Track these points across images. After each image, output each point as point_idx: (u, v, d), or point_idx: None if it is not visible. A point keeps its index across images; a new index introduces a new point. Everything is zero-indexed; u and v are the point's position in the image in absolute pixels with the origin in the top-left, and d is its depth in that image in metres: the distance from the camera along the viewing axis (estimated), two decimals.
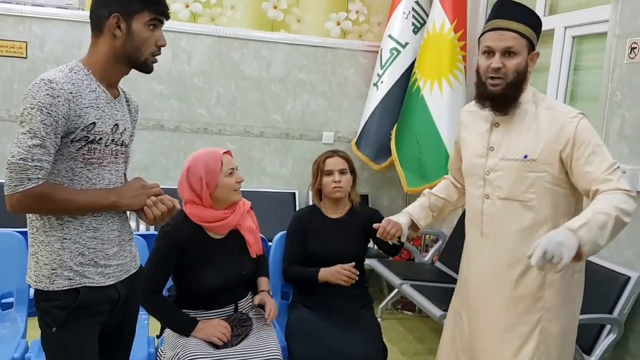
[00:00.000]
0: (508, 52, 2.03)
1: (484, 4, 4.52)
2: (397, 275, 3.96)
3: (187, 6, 4.63)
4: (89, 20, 1.87)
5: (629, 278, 2.85)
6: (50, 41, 4.39)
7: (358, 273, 2.74)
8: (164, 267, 2.45)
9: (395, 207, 4.95)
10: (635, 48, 2.91)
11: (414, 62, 4.52)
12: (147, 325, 2.91)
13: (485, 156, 2.16)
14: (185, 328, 2.43)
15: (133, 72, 1.93)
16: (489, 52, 2.06)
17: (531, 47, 2.06)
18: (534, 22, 2.07)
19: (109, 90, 1.89)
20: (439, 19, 4.30)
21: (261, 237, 3.48)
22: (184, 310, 2.49)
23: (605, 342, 2.82)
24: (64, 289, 1.82)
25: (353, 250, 2.85)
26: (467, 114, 2.31)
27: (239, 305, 2.57)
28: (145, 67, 1.89)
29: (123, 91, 2.01)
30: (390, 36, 4.59)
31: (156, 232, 3.37)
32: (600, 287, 2.87)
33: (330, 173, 2.83)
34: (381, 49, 4.65)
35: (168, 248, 2.43)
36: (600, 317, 2.82)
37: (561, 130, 2.01)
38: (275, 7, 4.78)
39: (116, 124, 1.88)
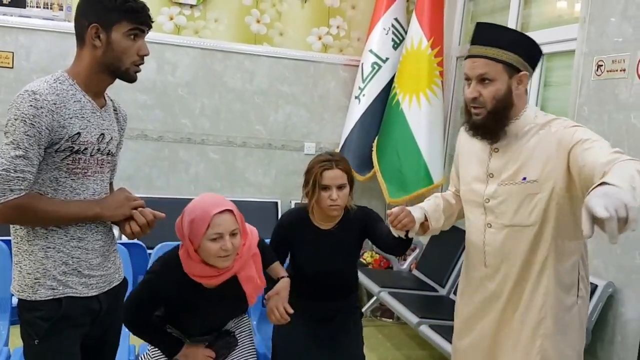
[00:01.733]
0: (483, 79, 1.94)
1: (459, 23, 4.70)
2: (376, 282, 4.06)
3: (172, 18, 4.72)
4: (74, 31, 1.87)
5: (596, 286, 2.96)
6: (36, 51, 4.45)
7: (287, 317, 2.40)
8: (145, 309, 2.29)
9: None
10: (602, 65, 3.05)
11: (394, 77, 4.65)
12: (128, 333, 2.94)
13: (485, 182, 2.07)
14: (170, 349, 2.34)
15: (117, 82, 1.92)
16: (468, 80, 2.00)
17: (514, 70, 1.93)
18: (512, 43, 1.94)
19: (95, 99, 1.87)
20: (417, 36, 4.44)
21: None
22: (169, 328, 2.40)
23: None
24: (46, 298, 1.80)
25: (343, 264, 2.67)
26: (465, 138, 2.18)
27: (223, 329, 2.49)
28: (128, 77, 1.87)
29: (111, 100, 2.00)
30: (371, 51, 4.73)
31: (140, 243, 3.42)
32: None
33: (327, 188, 2.50)
34: (362, 63, 4.78)
35: (149, 296, 2.27)
36: None
37: (561, 139, 1.89)
38: (258, 21, 4.89)
39: (102, 134, 1.87)
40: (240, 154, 4.96)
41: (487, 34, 1.97)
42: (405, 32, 4.67)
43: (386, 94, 4.66)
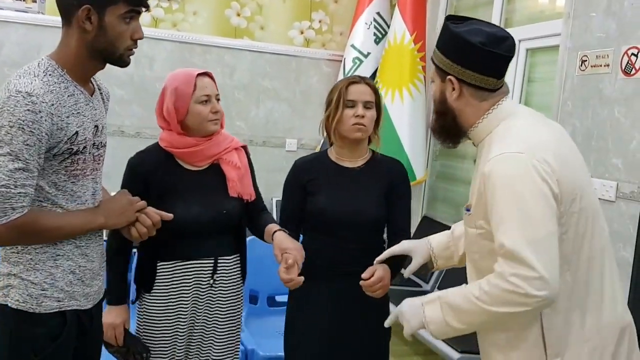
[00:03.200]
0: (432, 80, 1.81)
1: (442, 18, 4.65)
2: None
3: (149, 11, 4.62)
4: (58, 9, 1.65)
5: None
6: (8, 44, 4.33)
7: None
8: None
9: None
10: (586, 61, 3.04)
11: (376, 71, 4.61)
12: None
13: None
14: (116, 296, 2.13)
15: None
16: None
17: (442, 72, 1.73)
18: (447, 47, 1.72)
19: (85, 88, 1.70)
20: (400, 30, 4.41)
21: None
22: (159, 264, 2.14)
23: None
24: (51, 311, 1.66)
25: (376, 211, 2.20)
26: None
27: (220, 262, 2.19)
28: (121, 62, 1.70)
29: (94, 79, 1.79)
30: (353, 46, 4.69)
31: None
32: None
33: (352, 104, 2.16)
34: (344, 58, 4.74)
35: (130, 178, 2.11)
36: None
37: (481, 175, 1.62)
38: (238, 15, 4.82)
39: (96, 126, 1.72)
40: None
41: (440, 35, 1.79)
42: (388, 27, 4.64)
43: None
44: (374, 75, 4.61)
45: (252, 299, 3.37)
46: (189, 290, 2.17)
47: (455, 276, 2.91)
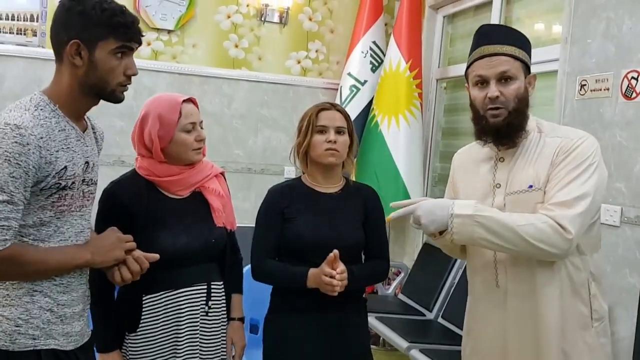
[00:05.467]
0: (504, 78, 1.85)
1: (438, 45, 4.73)
2: None
3: (149, 44, 4.66)
4: (52, 45, 1.65)
5: None
6: (9, 78, 4.34)
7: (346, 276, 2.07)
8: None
9: None
10: (585, 85, 3.07)
11: (372, 99, 4.64)
12: None
13: (492, 195, 1.95)
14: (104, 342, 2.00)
15: (92, 109, 1.74)
16: (482, 82, 1.88)
17: (527, 69, 1.91)
18: (523, 42, 1.92)
19: (77, 124, 1.68)
20: (395, 58, 4.46)
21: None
22: (145, 298, 2.02)
23: None
24: (25, 349, 1.58)
25: (354, 235, 2.19)
26: (461, 157, 2.15)
27: (213, 288, 2.12)
28: (114, 98, 1.68)
29: (88, 118, 1.79)
30: (349, 74, 4.72)
31: None
32: None
33: (323, 130, 2.17)
34: (341, 86, 4.77)
35: (110, 210, 1.97)
36: None
37: (561, 149, 1.86)
38: (236, 46, 4.85)
39: (87, 162, 1.68)
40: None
41: (500, 32, 1.92)
42: (384, 55, 4.69)
43: (365, 116, 4.65)
44: (370, 102, 4.64)
45: (252, 329, 3.31)
46: (182, 320, 2.06)
47: (460, 304, 2.89)
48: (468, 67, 1.97)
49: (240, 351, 2.22)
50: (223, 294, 2.17)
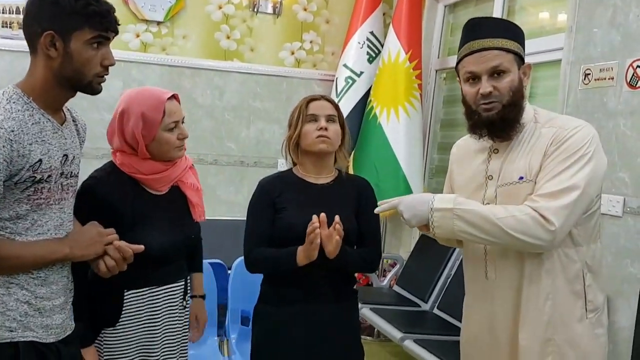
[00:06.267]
0: (496, 73, 1.80)
1: (438, 36, 4.66)
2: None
3: (138, 36, 4.56)
4: (24, 37, 1.59)
5: None
6: None
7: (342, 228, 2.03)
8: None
9: None
10: (589, 74, 3.02)
11: (369, 91, 4.57)
12: None
13: (485, 187, 1.92)
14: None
15: (82, 100, 1.69)
16: (474, 78, 1.84)
17: (520, 60, 1.85)
18: (514, 33, 1.86)
19: (55, 116, 1.62)
20: (394, 49, 4.38)
21: (219, 263, 3.32)
22: (127, 293, 1.99)
23: None
24: (3, 341, 1.55)
25: (346, 225, 2.10)
26: (459, 149, 2.11)
27: (187, 284, 2.17)
28: (91, 90, 1.62)
29: (68, 110, 1.75)
30: (345, 65, 4.64)
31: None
32: None
33: (314, 119, 2.16)
34: (336, 78, 4.69)
35: (91, 206, 1.88)
36: None
37: (555, 139, 1.81)
38: (228, 37, 4.76)
39: (65, 155, 1.64)
40: (212, 172, 4.79)
41: (489, 26, 1.86)
42: (382, 45, 4.61)
43: (361, 107, 4.57)
44: (367, 94, 4.57)
45: (243, 321, 3.25)
46: (159, 316, 2.05)
47: (456, 294, 2.87)
48: (458, 63, 1.92)
49: (203, 325, 2.30)
50: (188, 285, 2.20)
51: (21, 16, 4.22)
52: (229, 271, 3.25)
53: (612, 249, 2.88)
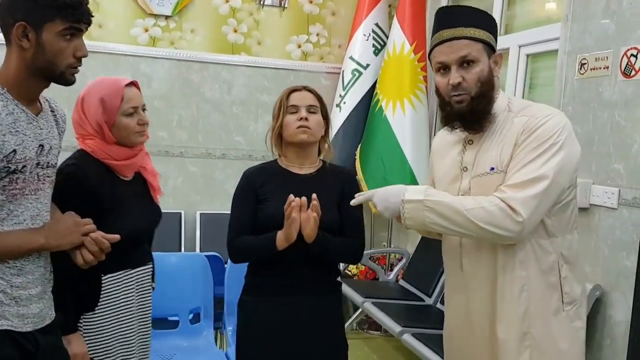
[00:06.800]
0: (465, 62, 1.78)
1: None
2: (360, 293, 3.95)
3: (147, 30, 4.61)
4: None
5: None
6: None
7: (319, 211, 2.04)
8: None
9: None
10: (585, 64, 2.96)
11: (375, 83, 4.55)
12: None
13: (460, 178, 1.92)
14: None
15: None
16: (444, 68, 1.82)
17: (490, 49, 1.82)
18: (485, 22, 1.84)
19: (30, 107, 1.63)
20: (399, 41, 4.35)
21: (216, 256, 3.37)
22: (104, 277, 2.02)
23: None
24: None
25: (328, 217, 2.11)
26: (438, 140, 2.10)
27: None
28: (64, 81, 1.64)
29: (46, 100, 1.75)
30: (351, 58, 4.63)
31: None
32: None
33: (295, 110, 2.18)
34: (342, 71, 4.68)
35: (75, 193, 1.91)
36: None
37: (525, 128, 1.78)
38: (235, 31, 4.79)
39: (41, 145, 1.64)
40: (220, 166, 4.83)
41: (458, 15, 1.85)
42: (387, 37, 4.58)
43: (368, 100, 4.55)
44: (373, 86, 4.55)
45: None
46: (132, 298, 2.11)
47: None
48: (430, 53, 1.90)
49: None
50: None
51: None
52: (226, 264, 3.28)
53: (608, 241, 2.83)
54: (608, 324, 2.84)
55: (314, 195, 2.04)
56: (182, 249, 4.53)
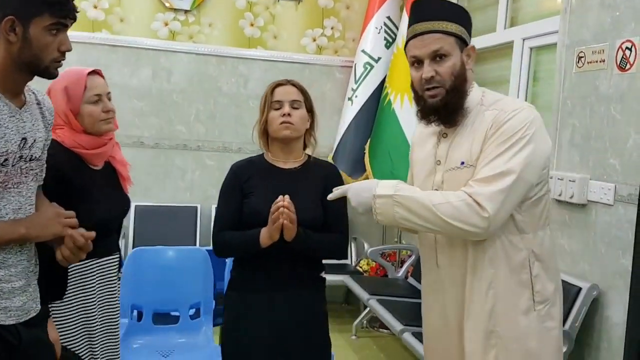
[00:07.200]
0: (438, 56, 1.77)
1: None
2: (367, 290, 3.93)
3: (166, 24, 4.71)
4: None
5: (580, 289, 2.79)
6: None
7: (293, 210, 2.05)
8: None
9: (371, 221, 4.93)
10: (582, 57, 2.88)
11: (386, 77, 4.53)
12: None
13: (434, 172, 1.91)
14: None
15: (113, 89, 1.82)
16: (417, 62, 1.81)
17: (463, 43, 1.81)
18: (458, 15, 1.82)
19: (13, 100, 1.63)
20: None
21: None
22: (71, 266, 1.99)
23: None
24: None
25: (311, 211, 2.15)
26: (417, 134, 2.08)
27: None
28: (48, 74, 1.66)
29: (33, 93, 1.74)
30: (363, 51, 4.63)
31: None
32: None
33: (278, 105, 2.20)
34: (355, 64, 4.69)
35: (56, 181, 1.92)
36: None
37: (493, 122, 1.77)
38: (252, 25, 4.85)
39: (24, 138, 1.63)
40: (236, 160, 4.85)
41: (430, 8, 1.82)
42: (398, 30, 4.55)
43: (379, 94, 4.54)
44: (384, 80, 4.53)
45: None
46: (96, 287, 2.14)
47: None
48: (405, 46, 1.88)
49: None
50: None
51: None
52: (227, 259, 3.32)
53: (605, 239, 2.76)
54: (605, 326, 2.78)
55: (287, 197, 2.05)
56: (197, 243, 4.60)
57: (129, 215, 4.67)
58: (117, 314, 2.26)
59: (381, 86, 4.55)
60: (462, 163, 1.81)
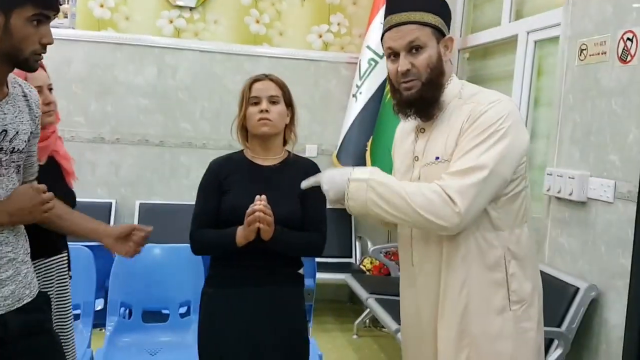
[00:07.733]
0: (413, 48, 1.72)
1: (460, 14, 4.43)
2: (366, 289, 3.87)
3: (171, 22, 4.69)
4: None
5: (577, 289, 2.69)
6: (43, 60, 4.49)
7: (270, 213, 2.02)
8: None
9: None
10: (585, 49, 2.79)
11: None
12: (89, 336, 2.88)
13: (412, 168, 1.86)
14: None
15: (119, 87, 1.71)
16: (394, 54, 1.77)
17: (440, 34, 1.76)
18: (435, 6, 1.78)
19: None
20: None
21: None
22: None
23: (552, 357, 2.66)
24: None
25: (289, 208, 2.13)
26: (398, 131, 2.04)
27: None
28: (27, 67, 1.63)
29: (19, 85, 1.73)
30: (368, 47, 4.55)
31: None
32: (549, 299, 2.72)
33: (257, 101, 2.17)
34: (360, 60, 4.61)
35: None
36: (545, 330, 2.67)
37: (469, 116, 1.73)
38: (257, 21, 4.81)
39: (4, 130, 1.62)
40: None
41: (407, 0, 1.77)
42: None
43: (382, 91, 4.45)
44: (388, 76, 4.44)
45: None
46: (51, 287, 2.09)
47: None
48: (382, 39, 1.83)
49: None
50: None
51: (66, 5, 4.46)
52: None
53: (604, 238, 2.67)
54: (605, 328, 2.68)
55: (264, 197, 2.02)
56: None
57: (133, 213, 4.69)
58: (69, 316, 2.21)
59: (385, 82, 4.45)
60: (437, 158, 1.77)
